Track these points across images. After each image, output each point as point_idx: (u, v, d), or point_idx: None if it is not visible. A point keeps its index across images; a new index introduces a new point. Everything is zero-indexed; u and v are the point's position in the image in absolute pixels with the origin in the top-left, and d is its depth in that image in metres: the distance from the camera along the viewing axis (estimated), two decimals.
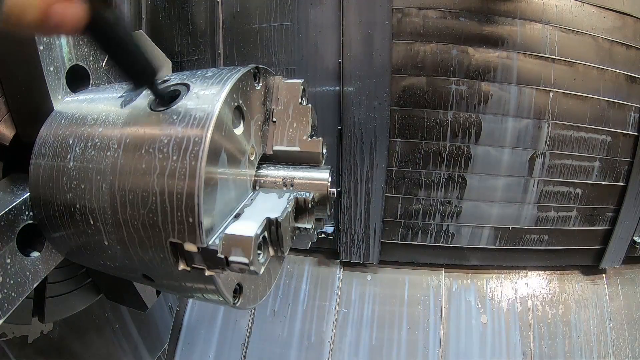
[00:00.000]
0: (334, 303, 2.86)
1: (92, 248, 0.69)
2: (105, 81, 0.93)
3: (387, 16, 2.42)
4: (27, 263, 0.70)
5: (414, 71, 2.52)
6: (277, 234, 0.62)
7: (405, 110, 2.57)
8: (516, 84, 2.53)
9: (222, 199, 0.61)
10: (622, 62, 2.62)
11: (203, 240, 0.57)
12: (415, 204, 2.75)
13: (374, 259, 2.84)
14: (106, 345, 1.23)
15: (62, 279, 0.88)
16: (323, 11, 2.52)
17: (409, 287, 2.87)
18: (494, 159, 2.64)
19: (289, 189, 0.73)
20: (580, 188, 2.75)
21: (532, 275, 2.92)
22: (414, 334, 2.76)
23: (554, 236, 2.85)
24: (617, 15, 2.59)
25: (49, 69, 0.77)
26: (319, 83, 2.61)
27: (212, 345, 2.84)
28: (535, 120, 2.58)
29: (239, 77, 0.65)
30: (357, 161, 2.62)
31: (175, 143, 0.58)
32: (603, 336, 2.81)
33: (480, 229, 2.80)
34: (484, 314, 2.80)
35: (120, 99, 0.70)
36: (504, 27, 2.49)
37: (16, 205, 0.70)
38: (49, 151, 0.70)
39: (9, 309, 0.66)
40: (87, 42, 0.86)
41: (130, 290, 0.97)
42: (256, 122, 0.72)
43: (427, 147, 2.62)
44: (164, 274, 0.65)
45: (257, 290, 0.74)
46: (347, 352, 2.75)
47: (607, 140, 2.68)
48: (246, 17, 2.64)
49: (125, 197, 0.60)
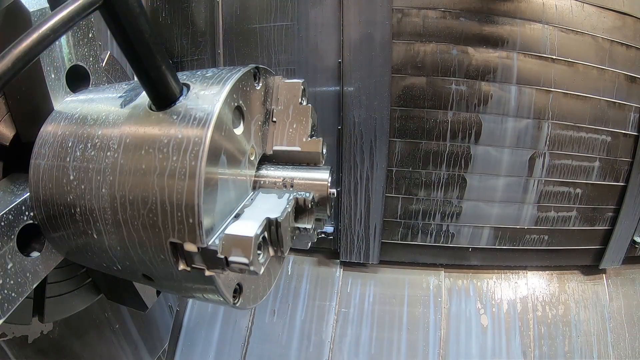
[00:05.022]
0: (334, 303, 2.86)
1: (92, 248, 0.69)
2: (105, 81, 0.93)
3: (387, 16, 2.42)
4: (27, 263, 0.70)
5: (414, 71, 2.52)
6: (277, 234, 0.62)
7: (405, 110, 2.57)
8: (516, 84, 2.53)
9: (222, 199, 0.61)
10: (622, 62, 2.62)
11: (203, 240, 0.57)
12: (415, 204, 2.75)
13: (374, 259, 2.84)
14: (106, 345, 1.23)
15: (62, 279, 0.88)
16: (323, 11, 2.52)
17: (409, 287, 2.87)
18: (494, 159, 2.64)
19: (289, 189, 0.73)
20: (580, 188, 2.75)
21: (532, 276, 2.92)
22: (414, 334, 2.76)
23: (554, 236, 2.85)
24: (617, 15, 2.59)
25: (49, 69, 0.77)
26: (319, 83, 2.61)
27: (212, 345, 2.84)
28: (535, 120, 2.58)
29: (239, 77, 0.65)
30: (357, 161, 2.62)
31: (175, 143, 0.58)
32: (603, 336, 2.81)
33: (480, 229, 2.80)
34: (484, 314, 2.80)
35: (120, 99, 0.70)
36: (504, 27, 2.49)
37: (16, 205, 0.70)
38: (48, 151, 0.70)
39: (9, 309, 0.66)
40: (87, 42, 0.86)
41: (130, 290, 0.97)
42: (256, 122, 0.72)
43: (427, 147, 2.62)
44: (164, 274, 0.65)
45: (257, 290, 0.73)
46: (347, 352, 2.75)
47: (607, 140, 2.68)
48: (246, 17, 2.64)
49: (125, 197, 0.60)
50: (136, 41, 0.56)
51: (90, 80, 0.89)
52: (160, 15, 2.81)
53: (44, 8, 0.73)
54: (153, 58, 0.58)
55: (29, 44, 0.44)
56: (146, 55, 0.58)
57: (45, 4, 0.73)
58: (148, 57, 0.58)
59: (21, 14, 0.69)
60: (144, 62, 0.58)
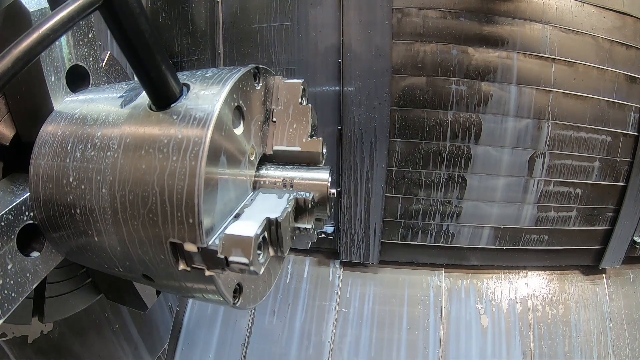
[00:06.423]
0: (334, 303, 2.86)
1: (92, 248, 0.69)
2: (105, 81, 0.93)
3: (387, 16, 2.42)
4: (27, 263, 0.70)
5: (414, 71, 2.52)
6: (277, 234, 0.62)
7: (405, 110, 2.57)
8: (516, 84, 2.53)
9: (222, 199, 0.61)
10: (622, 62, 2.62)
11: (203, 240, 0.57)
12: (415, 204, 2.75)
13: (374, 259, 2.84)
14: (106, 345, 1.23)
15: (62, 279, 0.88)
16: (323, 11, 2.52)
17: (409, 287, 2.87)
18: (494, 159, 2.64)
19: (288, 189, 0.73)
20: (580, 188, 2.75)
21: (532, 276, 2.92)
22: (414, 334, 2.76)
23: (554, 236, 2.85)
24: (617, 15, 2.59)
25: (49, 69, 0.77)
26: (319, 83, 2.61)
27: (212, 345, 2.84)
28: (535, 120, 2.58)
29: (239, 77, 0.65)
30: (357, 161, 2.62)
31: (175, 143, 0.58)
32: (603, 336, 2.81)
33: (480, 229, 2.80)
34: (484, 314, 2.80)
35: (120, 99, 0.70)
36: (504, 27, 2.49)
37: (16, 205, 0.70)
38: (48, 151, 0.70)
39: (9, 309, 0.66)
40: (87, 42, 0.86)
41: (130, 290, 0.97)
42: (256, 122, 0.72)
43: (427, 147, 2.62)
44: (164, 274, 0.65)
45: (257, 290, 0.73)
46: (347, 352, 2.75)
47: (607, 140, 2.68)
48: (246, 17, 2.64)
49: (125, 197, 0.60)
50: (136, 41, 0.56)
51: (90, 80, 0.89)
52: (160, 16, 2.81)
53: (44, 8, 0.73)
54: (153, 58, 0.58)
55: (29, 44, 0.44)
56: (146, 55, 0.58)
57: (45, 4, 0.73)
58: (148, 57, 0.58)
59: (21, 14, 0.69)
60: (144, 62, 0.58)
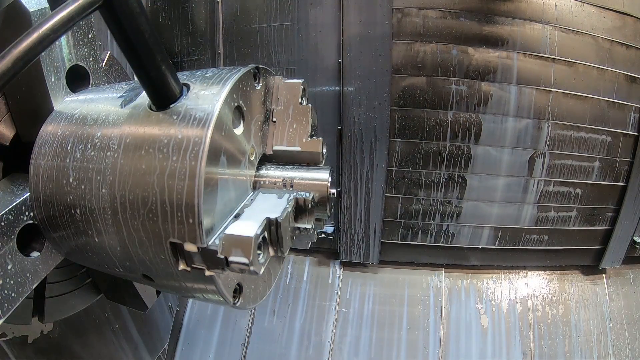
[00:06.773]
0: (334, 303, 2.86)
1: (92, 248, 0.69)
2: (105, 81, 0.93)
3: (387, 16, 2.42)
4: (27, 263, 0.70)
5: (414, 71, 2.52)
6: (277, 234, 0.62)
7: (405, 110, 2.57)
8: (516, 84, 2.53)
9: (222, 199, 0.61)
10: (622, 62, 2.62)
11: (203, 240, 0.57)
12: (415, 204, 2.75)
13: (374, 259, 2.84)
14: (106, 345, 1.23)
15: (62, 279, 0.88)
16: (323, 11, 2.52)
17: (409, 287, 2.87)
18: (494, 159, 2.64)
19: (288, 189, 0.73)
20: (580, 188, 2.75)
21: (532, 276, 2.92)
22: (414, 334, 2.76)
23: (554, 236, 2.85)
24: (617, 15, 2.59)
25: (49, 69, 0.77)
26: (319, 83, 2.61)
27: (212, 345, 2.84)
28: (535, 120, 2.58)
29: (239, 77, 0.65)
30: (357, 161, 2.62)
31: (175, 143, 0.58)
32: (603, 336, 2.81)
33: (480, 229, 2.80)
34: (484, 314, 2.80)
35: (120, 99, 0.70)
36: (504, 27, 2.49)
37: (16, 205, 0.70)
38: (48, 151, 0.70)
39: (9, 309, 0.66)
40: (87, 42, 0.86)
41: (130, 290, 0.97)
42: (256, 122, 0.72)
43: (427, 147, 2.62)
44: (164, 274, 0.65)
45: (257, 290, 0.73)
46: (347, 352, 2.75)
47: (607, 140, 2.68)
48: (246, 17, 2.64)
49: (125, 197, 0.60)
50: (136, 41, 0.56)
51: (90, 80, 0.89)
52: (160, 16, 2.81)
53: (44, 8, 0.73)
54: (153, 58, 0.58)
55: (29, 44, 0.44)
56: (146, 55, 0.58)
57: (45, 4, 0.73)
58: (148, 57, 0.58)
59: (21, 14, 0.69)
60: (144, 62, 0.58)
